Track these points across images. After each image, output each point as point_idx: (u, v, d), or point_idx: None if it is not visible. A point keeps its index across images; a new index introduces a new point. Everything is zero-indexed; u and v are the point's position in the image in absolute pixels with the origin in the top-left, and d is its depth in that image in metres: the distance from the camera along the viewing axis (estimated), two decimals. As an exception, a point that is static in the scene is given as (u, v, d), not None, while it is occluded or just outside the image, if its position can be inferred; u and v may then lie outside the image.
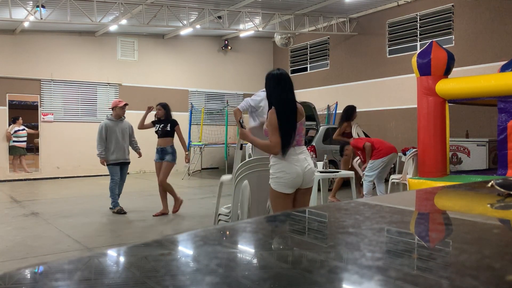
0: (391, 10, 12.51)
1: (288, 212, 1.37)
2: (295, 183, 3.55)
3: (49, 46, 12.73)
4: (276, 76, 3.61)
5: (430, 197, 1.60)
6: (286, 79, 3.65)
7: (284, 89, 3.60)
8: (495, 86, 6.40)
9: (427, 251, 0.89)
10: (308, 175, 3.60)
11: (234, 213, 4.17)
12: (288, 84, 3.64)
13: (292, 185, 3.55)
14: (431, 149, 6.60)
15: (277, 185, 3.53)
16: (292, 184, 3.54)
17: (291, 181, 3.53)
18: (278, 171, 3.52)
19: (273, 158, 3.57)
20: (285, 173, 3.51)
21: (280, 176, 3.51)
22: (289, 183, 3.53)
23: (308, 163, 3.63)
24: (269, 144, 3.51)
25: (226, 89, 15.86)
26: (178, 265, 0.80)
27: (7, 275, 0.70)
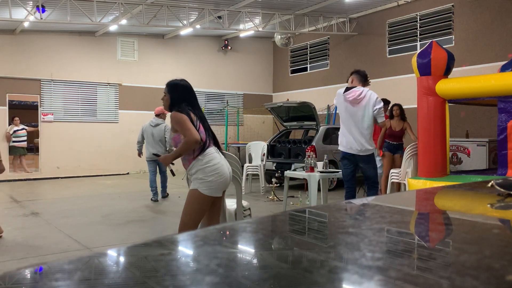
0: (391, 10, 12.51)
1: (288, 212, 1.37)
2: (225, 185, 3.51)
3: (49, 46, 12.73)
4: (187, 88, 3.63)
5: (430, 197, 1.60)
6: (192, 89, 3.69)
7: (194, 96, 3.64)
8: (495, 86, 6.40)
9: (427, 251, 0.89)
10: (231, 176, 3.60)
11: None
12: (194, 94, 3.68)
13: (222, 187, 3.51)
14: (431, 149, 6.60)
15: (210, 189, 3.42)
16: (223, 186, 3.50)
17: (223, 183, 3.48)
18: (210, 173, 3.40)
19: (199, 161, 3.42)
20: (219, 175, 3.42)
21: (213, 179, 3.40)
22: (221, 185, 3.47)
23: (228, 164, 3.59)
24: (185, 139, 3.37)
25: (226, 89, 15.86)
26: (178, 265, 0.80)
27: (7, 275, 0.70)
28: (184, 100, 3.51)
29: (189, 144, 3.36)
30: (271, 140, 10.77)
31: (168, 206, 7.89)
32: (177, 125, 3.42)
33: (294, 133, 11.58)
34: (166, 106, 3.59)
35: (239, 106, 15.99)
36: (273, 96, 16.63)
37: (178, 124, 3.41)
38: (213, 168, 3.40)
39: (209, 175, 3.39)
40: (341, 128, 5.47)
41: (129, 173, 13.57)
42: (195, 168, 3.43)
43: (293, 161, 9.61)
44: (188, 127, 3.36)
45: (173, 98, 3.54)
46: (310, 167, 6.19)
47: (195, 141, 3.35)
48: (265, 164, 9.73)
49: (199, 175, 3.42)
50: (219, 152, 3.57)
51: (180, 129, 3.39)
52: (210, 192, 3.42)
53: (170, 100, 3.54)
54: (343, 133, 5.43)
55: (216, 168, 3.41)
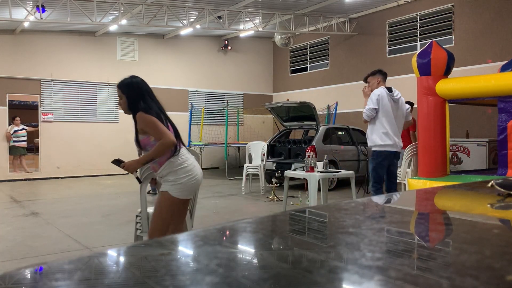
0: (391, 10, 12.51)
1: (288, 212, 1.37)
2: (197, 186, 3.38)
3: (49, 46, 12.73)
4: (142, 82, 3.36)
5: (430, 197, 1.60)
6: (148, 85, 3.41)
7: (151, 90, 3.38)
8: (495, 86, 6.40)
9: (427, 251, 0.89)
10: (202, 176, 3.43)
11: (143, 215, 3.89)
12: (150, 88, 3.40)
13: (195, 189, 3.38)
14: (431, 149, 6.60)
15: (183, 192, 3.24)
16: (196, 188, 3.38)
17: (196, 185, 3.33)
18: (183, 175, 3.22)
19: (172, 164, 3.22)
20: (192, 177, 3.26)
21: (185, 181, 3.22)
22: (194, 187, 3.33)
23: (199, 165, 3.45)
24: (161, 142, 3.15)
25: (226, 89, 15.86)
26: (178, 265, 0.80)
27: (7, 275, 0.70)
28: (143, 98, 3.26)
29: (165, 147, 3.16)
30: (271, 140, 10.76)
31: (168, 206, 7.90)
32: (147, 127, 3.19)
33: (294, 133, 11.58)
34: (124, 109, 3.32)
35: (239, 106, 15.99)
36: (273, 96, 16.62)
37: (148, 126, 3.18)
38: (186, 170, 3.24)
39: (181, 177, 3.22)
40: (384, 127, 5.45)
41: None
42: (167, 170, 3.23)
43: (293, 161, 9.61)
44: (162, 129, 3.16)
45: (131, 98, 3.27)
46: (310, 167, 6.19)
47: (171, 144, 3.16)
48: (265, 164, 9.73)
49: (170, 177, 3.23)
50: (188, 152, 3.41)
51: (153, 131, 3.18)
52: (182, 195, 3.24)
53: (128, 101, 3.27)
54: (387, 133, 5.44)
55: (189, 170, 3.25)
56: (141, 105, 3.22)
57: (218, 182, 11.76)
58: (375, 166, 5.52)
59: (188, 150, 3.44)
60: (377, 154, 5.48)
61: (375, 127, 5.48)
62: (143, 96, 3.27)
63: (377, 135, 5.46)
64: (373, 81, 5.67)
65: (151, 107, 3.24)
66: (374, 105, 5.42)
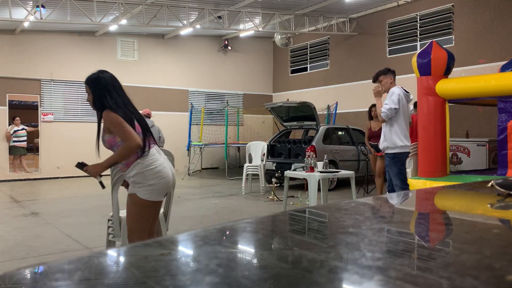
0: (391, 10, 12.51)
1: (288, 212, 1.37)
2: (167, 188, 3.19)
3: (49, 46, 12.73)
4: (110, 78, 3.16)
5: (430, 197, 1.60)
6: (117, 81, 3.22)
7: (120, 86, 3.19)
8: (495, 86, 6.40)
9: (427, 251, 0.89)
10: (174, 178, 3.28)
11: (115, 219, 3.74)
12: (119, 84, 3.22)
13: (165, 191, 3.19)
14: (431, 149, 6.60)
15: (151, 194, 3.06)
16: (166, 189, 3.19)
17: (166, 186, 3.15)
18: (152, 177, 3.04)
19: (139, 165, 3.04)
20: (161, 178, 3.08)
21: (155, 182, 3.05)
22: (164, 188, 3.14)
23: (170, 164, 3.27)
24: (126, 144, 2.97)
25: (226, 89, 15.86)
26: (178, 265, 0.80)
27: (7, 275, 0.70)
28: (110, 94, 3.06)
29: (130, 150, 2.97)
30: (271, 140, 10.76)
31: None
32: (113, 127, 3.01)
33: (294, 133, 11.58)
34: (92, 105, 3.17)
35: (239, 106, 15.99)
36: (273, 96, 16.62)
37: (114, 126, 3.00)
38: (154, 171, 3.06)
39: (149, 179, 3.04)
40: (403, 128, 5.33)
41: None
42: (135, 172, 3.05)
43: (293, 161, 9.61)
44: (128, 130, 2.97)
45: (98, 95, 3.09)
46: (310, 167, 6.19)
47: (137, 147, 2.98)
48: (265, 164, 9.73)
49: (137, 179, 3.05)
50: (160, 152, 3.23)
51: (118, 132, 3.00)
52: (150, 197, 3.07)
53: (94, 97, 3.11)
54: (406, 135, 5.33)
55: (158, 171, 3.06)
56: (108, 102, 3.04)
57: (218, 182, 11.75)
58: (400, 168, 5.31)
59: (160, 150, 3.26)
60: (399, 156, 5.30)
61: (393, 128, 5.30)
62: (110, 92, 3.07)
63: (397, 136, 5.28)
64: (385, 80, 5.49)
65: (118, 105, 3.05)
66: (395, 105, 5.26)
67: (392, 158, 5.30)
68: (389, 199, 1.67)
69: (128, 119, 3.01)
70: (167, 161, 3.22)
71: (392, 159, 5.31)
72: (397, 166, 5.30)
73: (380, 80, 5.49)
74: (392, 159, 5.31)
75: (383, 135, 5.39)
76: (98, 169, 3.10)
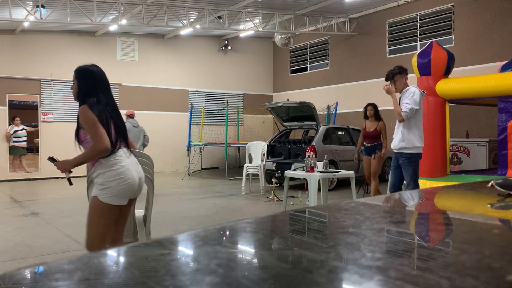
0: (391, 10, 12.52)
1: (288, 212, 1.37)
2: (131, 192, 3.01)
3: (49, 46, 12.73)
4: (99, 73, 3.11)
5: (430, 197, 1.60)
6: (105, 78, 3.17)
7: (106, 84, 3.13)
8: (495, 86, 6.41)
9: (427, 251, 0.89)
10: (141, 182, 3.11)
11: None
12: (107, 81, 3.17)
13: (128, 194, 3.00)
14: (431, 149, 6.60)
15: (112, 197, 2.91)
16: (128, 193, 3.00)
17: (128, 190, 2.97)
18: (112, 179, 2.91)
19: (102, 165, 2.93)
20: (122, 180, 2.92)
21: (115, 185, 2.91)
22: (126, 192, 2.96)
23: (140, 168, 3.13)
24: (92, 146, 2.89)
25: (226, 89, 15.86)
26: (178, 265, 0.80)
27: (7, 275, 0.70)
28: (95, 90, 3.00)
29: (97, 152, 2.88)
30: (271, 140, 10.76)
31: (167, 206, 7.89)
32: (86, 124, 2.92)
33: (294, 133, 11.58)
34: (74, 95, 3.08)
35: (239, 106, 15.99)
36: (273, 96, 16.63)
37: (86, 124, 2.91)
38: (116, 173, 2.92)
39: (110, 181, 2.91)
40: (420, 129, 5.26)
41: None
42: (97, 172, 2.95)
43: (293, 161, 9.62)
44: (98, 132, 2.86)
45: (81, 87, 3.02)
46: (310, 167, 6.19)
47: (104, 150, 2.87)
48: (265, 164, 9.74)
49: (99, 180, 2.93)
50: (129, 154, 3.08)
51: (89, 131, 2.91)
52: (111, 200, 2.92)
53: (78, 89, 3.03)
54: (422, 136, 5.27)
55: (120, 173, 2.92)
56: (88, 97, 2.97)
57: (218, 182, 11.75)
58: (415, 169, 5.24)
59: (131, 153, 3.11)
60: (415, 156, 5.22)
61: (412, 128, 5.19)
62: (95, 88, 3.00)
63: (415, 137, 5.19)
64: (401, 79, 5.29)
65: (98, 102, 2.96)
66: (417, 106, 5.14)
67: (408, 158, 5.21)
68: (389, 199, 1.67)
69: (102, 119, 2.91)
70: (134, 165, 3.06)
71: (408, 159, 5.22)
72: (412, 167, 5.22)
73: (395, 79, 5.29)
74: (408, 159, 5.21)
75: (401, 135, 5.23)
76: (66, 166, 3.08)
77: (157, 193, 7.60)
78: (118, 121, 3.07)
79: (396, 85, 5.30)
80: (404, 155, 5.22)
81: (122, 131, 3.08)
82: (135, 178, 3.01)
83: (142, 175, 3.12)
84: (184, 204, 8.07)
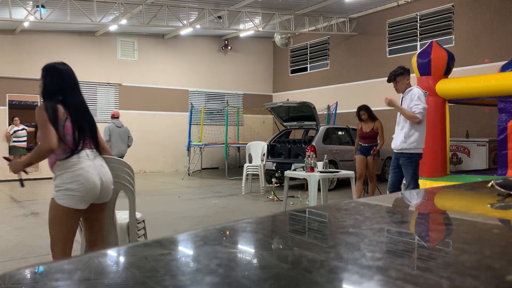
0: (391, 10, 12.52)
1: (288, 212, 1.37)
2: (90, 195, 2.84)
3: (49, 46, 12.73)
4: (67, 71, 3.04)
5: (430, 197, 1.60)
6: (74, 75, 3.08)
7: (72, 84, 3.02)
8: (495, 86, 6.41)
9: (427, 251, 0.89)
10: (106, 186, 2.92)
11: None
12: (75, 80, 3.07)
13: (87, 198, 2.83)
14: (431, 149, 6.60)
15: (67, 199, 2.78)
16: (87, 197, 2.83)
17: (86, 193, 2.81)
18: (68, 181, 2.77)
19: (59, 167, 2.81)
20: (79, 183, 2.78)
21: (72, 187, 2.77)
22: (84, 196, 2.80)
23: (106, 171, 2.95)
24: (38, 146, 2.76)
25: (226, 89, 15.87)
26: (178, 265, 0.80)
27: (7, 275, 0.70)
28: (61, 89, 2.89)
29: (41, 152, 2.76)
30: (271, 140, 10.77)
31: (168, 206, 7.89)
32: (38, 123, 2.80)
33: (294, 133, 11.58)
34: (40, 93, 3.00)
35: (239, 106, 16.00)
36: (273, 96, 16.63)
37: (38, 123, 2.78)
38: (73, 175, 2.78)
39: (67, 182, 2.77)
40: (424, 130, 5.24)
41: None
42: (55, 173, 2.84)
43: (293, 161, 9.62)
44: (46, 131, 2.72)
45: (47, 85, 2.94)
46: (310, 167, 6.19)
47: (48, 150, 2.74)
48: (265, 164, 9.74)
49: (56, 181, 2.81)
50: (93, 156, 2.91)
51: (40, 130, 2.78)
52: (68, 203, 2.77)
53: (43, 87, 2.95)
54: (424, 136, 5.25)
55: (77, 175, 2.78)
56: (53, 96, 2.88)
57: (218, 182, 11.75)
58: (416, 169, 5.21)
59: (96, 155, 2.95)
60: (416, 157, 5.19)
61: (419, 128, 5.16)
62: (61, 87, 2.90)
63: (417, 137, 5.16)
64: (403, 80, 5.26)
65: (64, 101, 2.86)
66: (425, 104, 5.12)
67: (409, 158, 5.17)
68: (389, 199, 1.67)
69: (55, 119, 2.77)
70: (97, 168, 2.89)
71: (408, 159, 5.18)
72: (412, 167, 5.19)
73: (398, 81, 5.26)
74: (409, 159, 5.18)
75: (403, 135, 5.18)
76: (16, 167, 2.95)
77: (157, 193, 7.64)
78: (84, 122, 2.94)
79: (398, 86, 5.28)
80: (405, 155, 5.19)
81: (89, 132, 2.93)
82: (96, 182, 2.83)
83: (107, 179, 2.93)
84: (184, 204, 8.07)
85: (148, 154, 14.14)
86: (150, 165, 14.22)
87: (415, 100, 5.11)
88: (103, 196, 2.93)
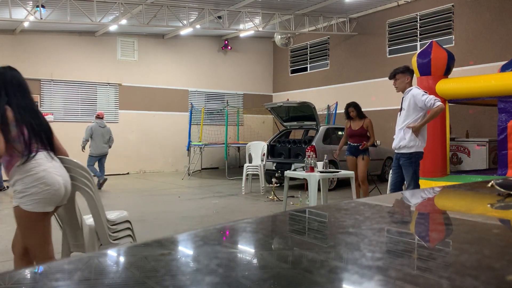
0: (391, 10, 12.52)
1: (288, 212, 1.37)
2: (58, 196, 2.79)
3: (49, 46, 12.74)
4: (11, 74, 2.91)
5: (430, 197, 1.60)
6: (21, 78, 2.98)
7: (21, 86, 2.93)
8: (495, 86, 6.41)
9: (427, 251, 0.89)
10: (69, 187, 2.89)
11: None
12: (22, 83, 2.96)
13: (54, 200, 2.79)
14: (431, 149, 6.60)
15: (35, 204, 2.72)
16: (55, 198, 2.78)
17: (53, 195, 2.75)
18: (32, 184, 2.71)
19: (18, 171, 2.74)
20: (45, 184, 2.71)
21: (37, 191, 2.70)
22: (51, 197, 2.75)
23: (66, 172, 2.90)
24: None
25: (226, 89, 15.87)
26: (178, 265, 0.80)
27: (7, 275, 0.70)
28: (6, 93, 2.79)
29: None
30: (271, 140, 10.77)
31: (168, 206, 7.90)
32: None
33: (294, 133, 11.58)
34: None
35: (239, 106, 16.00)
36: (273, 96, 16.63)
37: None
38: (36, 177, 2.71)
39: (30, 187, 2.71)
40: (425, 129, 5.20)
41: (129, 173, 13.57)
42: (14, 179, 2.77)
43: (293, 161, 9.62)
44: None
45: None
46: (310, 167, 6.19)
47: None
48: (265, 164, 9.74)
49: (18, 187, 2.75)
50: (51, 158, 2.85)
51: None
52: (35, 207, 2.72)
53: None
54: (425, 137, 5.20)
55: (40, 177, 2.71)
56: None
57: (218, 182, 11.75)
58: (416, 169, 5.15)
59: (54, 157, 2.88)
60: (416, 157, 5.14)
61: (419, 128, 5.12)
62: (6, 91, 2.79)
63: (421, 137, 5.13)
64: (402, 78, 5.20)
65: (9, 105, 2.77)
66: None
67: (409, 158, 5.11)
68: (389, 199, 1.67)
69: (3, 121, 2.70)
70: (58, 169, 2.83)
71: (408, 159, 5.12)
72: (412, 167, 5.13)
73: (397, 78, 5.21)
74: (409, 159, 5.12)
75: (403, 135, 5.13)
76: None
77: (157, 193, 7.63)
78: (35, 123, 2.84)
79: (397, 83, 5.25)
80: (405, 155, 5.17)
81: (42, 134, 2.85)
82: (60, 182, 2.79)
83: (67, 180, 2.88)
84: (184, 204, 8.07)
85: (148, 154, 14.14)
86: (150, 165, 14.22)
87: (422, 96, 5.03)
88: (66, 197, 2.88)
